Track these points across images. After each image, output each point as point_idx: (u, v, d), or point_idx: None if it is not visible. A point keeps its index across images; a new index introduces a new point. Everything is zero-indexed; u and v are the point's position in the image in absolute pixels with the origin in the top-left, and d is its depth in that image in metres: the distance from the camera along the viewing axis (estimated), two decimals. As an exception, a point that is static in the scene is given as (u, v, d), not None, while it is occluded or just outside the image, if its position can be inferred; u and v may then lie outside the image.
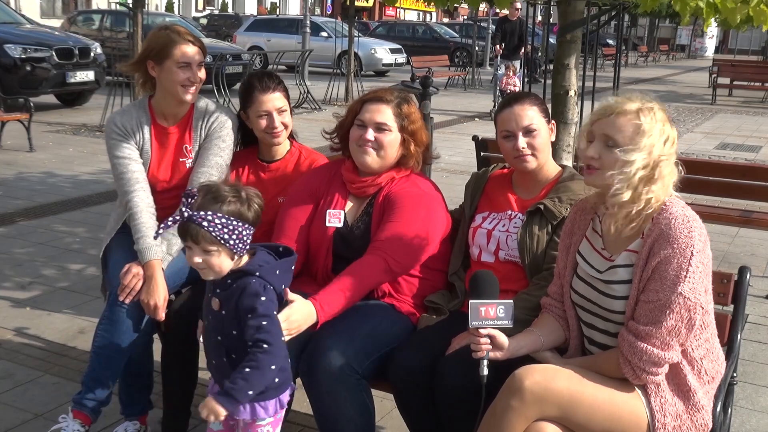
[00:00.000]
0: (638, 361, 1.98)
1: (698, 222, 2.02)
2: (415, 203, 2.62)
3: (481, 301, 2.10)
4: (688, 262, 1.95)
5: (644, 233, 2.05)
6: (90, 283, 4.69)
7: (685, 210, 2.03)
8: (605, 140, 2.04)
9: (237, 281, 2.11)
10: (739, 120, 14.62)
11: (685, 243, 1.96)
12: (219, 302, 2.15)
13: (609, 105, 2.08)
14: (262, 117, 2.89)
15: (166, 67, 2.85)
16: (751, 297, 4.62)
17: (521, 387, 2.00)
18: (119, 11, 13.41)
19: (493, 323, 2.09)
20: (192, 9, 39.98)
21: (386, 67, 21.99)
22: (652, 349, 1.96)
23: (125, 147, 2.91)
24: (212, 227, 2.04)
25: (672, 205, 2.04)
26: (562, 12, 4.29)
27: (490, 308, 2.09)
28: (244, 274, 2.11)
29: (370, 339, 2.45)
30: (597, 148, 2.05)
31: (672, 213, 2.01)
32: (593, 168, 2.06)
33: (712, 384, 2.13)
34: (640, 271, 2.02)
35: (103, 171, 7.91)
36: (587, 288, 2.18)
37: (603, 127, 2.05)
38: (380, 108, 2.66)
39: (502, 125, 2.59)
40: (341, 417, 2.37)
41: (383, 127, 2.64)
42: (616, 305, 2.09)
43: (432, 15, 53.66)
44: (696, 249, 1.96)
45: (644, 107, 2.04)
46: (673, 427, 2.02)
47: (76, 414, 2.63)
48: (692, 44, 47.06)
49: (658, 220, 2.02)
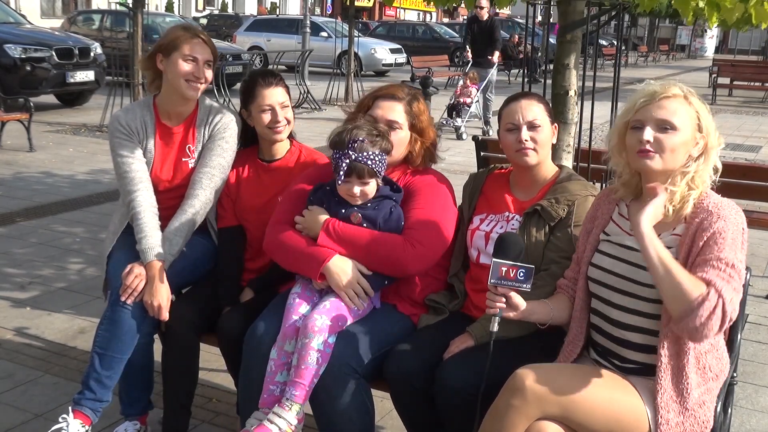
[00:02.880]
0: (729, 298, 1.91)
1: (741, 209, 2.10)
2: (433, 192, 2.64)
3: (504, 261, 2.13)
4: (741, 236, 2.03)
5: (686, 218, 2.08)
6: (90, 283, 4.69)
7: (727, 199, 2.10)
8: (660, 124, 2.06)
9: (378, 202, 2.56)
10: (739, 120, 14.62)
11: (736, 219, 2.03)
12: (361, 217, 2.55)
13: (653, 90, 2.10)
14: (265, 111, 2.88)
15: (172, 60, 2.85)
16: (751, 297, 4.63)
17: (523, 386, 2.00)
18: (119, 11, 13.39)
19: (512, 284, 2.12)
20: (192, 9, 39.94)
21: (386, 67, 21.99)
22: (736, 296, 1.95)
23: (129, 146, 2.91)
24: (375, 164, 2.50)
25: (713, 195, 2.11)
26: (562, 12, 4.29)
27: (511, 269, 2.12)
28: (384, 197, 2.57)
29: (371, 338, 2.45)
30: (651, 132, 2.06)
31: (717, 198, 2.09)
32: (650, 152, 2.07)
33: (716, 381, 2.12)
34: (687, 247, 2.04)
35: (103, 171, 7.92)
36: (615, 262, 2.18)
37: (654, 112, 2.07)
38: (393, 105, 2.67)
39: (507, 118, 2.59)
40: (340, 417, 2.37)
41: (394, 125, 2.65)
42: (647, 276, 2.06)
43: (432, 15, 53.65)
44: (744, 227, 2.05)
45: (687, 92, 2.10)
46: (676, 423, 2.02)
47: (76, 414, 2.63)
48: (692, 44, 47.04)
49: (701, 205, 2.07)
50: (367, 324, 2.50)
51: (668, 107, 2.06)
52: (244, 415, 2.56)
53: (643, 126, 2.07)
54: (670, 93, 2.08)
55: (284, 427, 2.33)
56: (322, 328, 2.38)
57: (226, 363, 2.87)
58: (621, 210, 2.26)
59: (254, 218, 2.96)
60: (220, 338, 2.74)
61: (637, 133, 2.09)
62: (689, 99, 2.09)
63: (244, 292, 2.90)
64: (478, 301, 2.60)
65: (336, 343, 2.40)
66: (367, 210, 2.55)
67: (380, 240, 2.51)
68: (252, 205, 2.97)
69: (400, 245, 2.50)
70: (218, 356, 2.90)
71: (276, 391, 2.44)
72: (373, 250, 2.50)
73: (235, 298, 2.87)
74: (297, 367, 2.36)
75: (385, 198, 2.57)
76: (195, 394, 2.94)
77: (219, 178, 2.91)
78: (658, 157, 2.07)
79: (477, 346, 2.39)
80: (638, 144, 2.08)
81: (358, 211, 2.55)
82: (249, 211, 2.97)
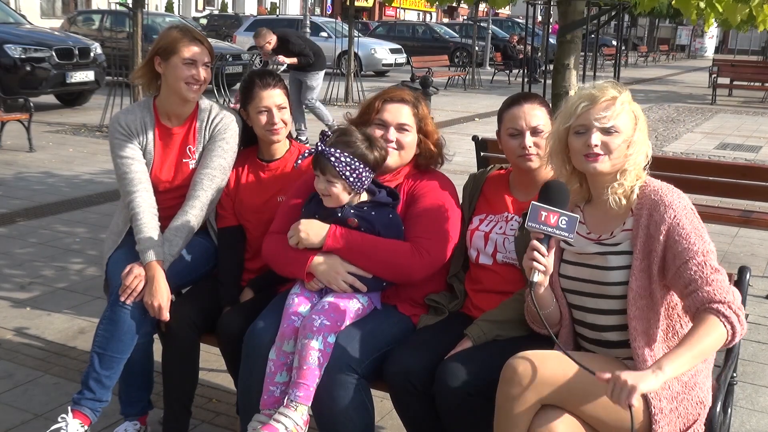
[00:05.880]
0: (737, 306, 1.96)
1: (680, 190, 2.16)
2: (439, 197, 2.64)
3: (544, 206, 2.06)
4: (694, 217, 2.08)
5: (633, 209, 2.15)
6: (90, 283, 4.69)
7: (663, 182, 2.17)
8: (605, 128, 2.11)
9: (375, 209, 2.53)
10: (739, 120, 14.62)
11: (681, 204, 2.09)
12: (357, 221, 2.52)
13: (592, 94, 2.15)
14: (262, 113, 2.89)
15: (171, 63, 2.86)
16: (751, 297, 4.62)
17: (514, 374, 2.05)
18: (119, 11, 13.39)
19: (552, 230, 2.06)
20: (192, 9, 39.94)
21: (386, 67, 21.98)
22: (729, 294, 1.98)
23: (128, 147, 2.92)
24: (338, 163, 2.44)
25: (651, 181, 2.18)
26: (562, 12, 4.29)
27: (552, 215, 2.05)
28: (382, 204, 2.55)
29: (370, 339, 2.46)
30: (597, 136, 2.11)
31: (655, 185, 2.16)
32: (598, 155, 2.12)
33: (706, 363, 2.15)
34: (641, 240, 2.10)
35: (103, 171, 7.92)
36: (579, 268, 2.22)
37: (598, 116, 2.12)
38: (401, 108, 2.68)
39: (510, 122, 2.59)
40: (340, 417, 2.37)
41: (405, 128, 2.66)
42: (612, 276, 2.14)
43: (432, 15, 53.66)
44: (690, 206, 2.11)
45: (621, 91, 2.16)
46: (670, 409, 2.04)
47: (75, 414, 2.63)
48: (692, 44, 47.06)
49: (644, 193, 2.14)
50: (366, 324, 2.50)
51: (611, 110, 2.12)
52: (243, 415, 2.56)
53: (588, 130, 2.12)
54: (609, 96, 2.13)
55: (291, 426, 2.33)
56: (322, 328, 2.38)
57: (226, 363, 2.87)
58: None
59: (254, 218, 2.96)
60: (220, 338, 2.74)
61: (582, 137, 2.14)
62: (624, 98, 2.15)
63: (244, 292, 2.90)
64: (478, 301, 2.60)
65: (336, 343, 2.40)
66: (363, 213, 2.53)
67: (388, 247, 2.52)
68: (252, 205, 2.97)
69: (409, 253, 2.51)
70: (218, 356, 2.90)
71: (276, 392, 2.44)
72: (381, 257, 2.51)
73: (235, 298, 2.87)
74: (299, 368, 2.36)
75: (382, 205, 2.55)
76: (195, 394, 2.94)
77: (220, 179, 2.92)
78: (607, 158, 2.13)
79: (476, 346, 2.39)
80: (585, 148, 2.13)
81: (355, 215, 2.53)
82: (249, 211, 2.98)
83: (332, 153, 2.46)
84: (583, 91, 2.19)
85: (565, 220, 2.05)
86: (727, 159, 9.66)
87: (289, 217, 2.68)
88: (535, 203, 2.07)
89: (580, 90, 2.21)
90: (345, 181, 2.48)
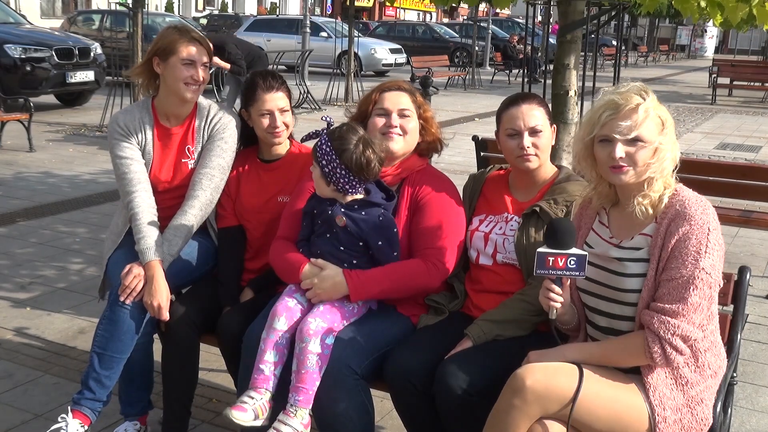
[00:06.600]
0: (671, 336, 1.98)
1: (710, 205, 2.09)
2: (443, 203, 2.63)
3: (550, 250, 2.03)
4: (706, 238, 2.00)
5: (657, 217, 2.10)
6: (90, 283, 4.69)
7: (696, 194, 2.10)
8: (630, 139, 2.06)
9: (366, 209, 2.50)
10: (739, 120, 14.62)
11: (702, 220, 2.02)
12: (345, 220, 2.48)
13: (615, 102, 2.08)
14: (264, 116, 2.89)
15: (170, 64, 2.86)
16: (751, 297, 4.62)
17: (523, 386, 2.01)
18: (119, 11, 13.37)
19: (562, 273, 2.05)
20: (192, 9, 39.91)
21: (386, 67, 21.98)
22: (683, 324, 1.98)
23: (127, 147, 2.92)
24: (319, 150, 2.50)
25: (683, 190, 2.12)
26: (562, 12, 4.29)
27: (560, 258, 2.02)
28: (373, 204, 2.51)
29: (370, 339, 2.45)
30: (621, 148, 2.06)
31: (685, 195, 2.09)
32: (623, 167, 2.07)
33: (714, 379, 2.13)
34: (658, 251, 2.06)
35: (103, 171, 7.92)
36: (597, 271, 2.19)
37: (622, 127, 2.05)
38: (400, 95, 2.70)
39: (508, 123, 2.59)
40: (340, 417, 2.37)
41: (406, 113, 2.68)
42: (628, 283, 2.11)
43: (432, 15, 53.65)
44: (712, 226, 2.03)
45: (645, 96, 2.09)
46: (674, 420, 2.03)
47: (75, 414, 2.63)
48: (692, 44, 47.02)
49: (671, 203, 2.08)
50: (366, 325, 2.50)
51: (635, 120, 2.05)
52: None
53: (613, 141, 2.07)
54: (633, 104, 2.06)
55: None
56: (318, 331, 2.38)
57: (226, 363, 2.87)
58: (601, 218, 2.27)
59: (254, 218, 2.96)
60: (220, 338, 2.74)
61: (606, 147, 2.09)
62: (649, 103, 2.08)
63: (243, 292, 2.90)
64: (478, 301, 2.60)
65: (335, 344, 2.40)
66: (353, 212, 2.51)
67: (404, 271, 2.52)
68: (252, 205, 2.97)
69: (425, 270, 2.53)
70: (218, 356, 2.90)
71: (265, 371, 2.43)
72: (402, 284, 2.52)
73: (235, 298, 2.87)
74: (297, 372, 2.36)
75: (373, 205, 2.53)
76: (195, 394, 2.94)
77: (219, 178, 2.91)
78: (632, 170, 2.08)
79: (477, 346, 2.39)
80: (610, 160, 2.08)
81: (344, 214, 2.50)
82: (249, 211, 2.98)
83: (322, 139, 2.50)
84: (606, 96, 2.12)
85: (573, 260, 2.03)
86: (727, 159, 9.65)
87: (292, 221, 2.69)
88: (540, 250, 2.05)
89: (604, 95, 2.14)
90: (321, 170, 2.50)
